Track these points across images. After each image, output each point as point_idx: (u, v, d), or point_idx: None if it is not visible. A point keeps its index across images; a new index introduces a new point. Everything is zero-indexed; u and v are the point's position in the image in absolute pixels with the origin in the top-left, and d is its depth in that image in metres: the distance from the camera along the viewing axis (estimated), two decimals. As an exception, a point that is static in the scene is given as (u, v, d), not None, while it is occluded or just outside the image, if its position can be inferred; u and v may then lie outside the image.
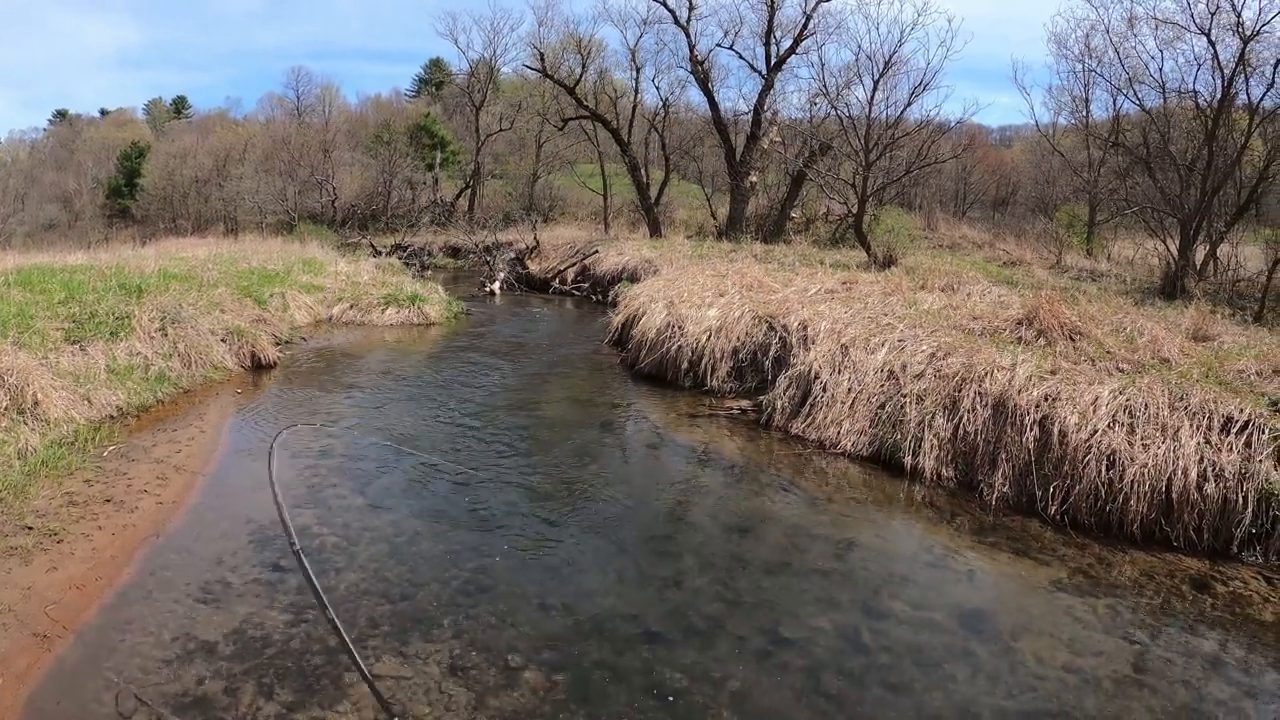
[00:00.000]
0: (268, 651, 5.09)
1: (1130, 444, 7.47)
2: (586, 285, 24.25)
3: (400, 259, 29.40)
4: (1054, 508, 7.59)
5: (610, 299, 20.36)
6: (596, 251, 25.29)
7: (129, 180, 55.47)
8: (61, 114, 79.49)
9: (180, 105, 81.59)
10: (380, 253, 30.54)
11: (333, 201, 45.02)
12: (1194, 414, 7.54)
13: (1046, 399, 8.24)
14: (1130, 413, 7.76)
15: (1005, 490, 8.00)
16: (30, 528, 6.64)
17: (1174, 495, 7.10)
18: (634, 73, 32.84)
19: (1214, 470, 7.06)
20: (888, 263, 18.17)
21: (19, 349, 9.64)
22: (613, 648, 5.32)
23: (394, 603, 5.76)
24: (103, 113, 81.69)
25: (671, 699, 4.78)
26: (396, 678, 4.86)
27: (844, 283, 14.46)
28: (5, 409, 8.65)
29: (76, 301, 12.13)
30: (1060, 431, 7.85)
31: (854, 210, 21.69)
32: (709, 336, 12.19)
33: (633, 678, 4.99)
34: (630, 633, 5.52)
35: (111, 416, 9.82)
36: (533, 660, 5.10)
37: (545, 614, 5.71)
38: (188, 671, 4.86)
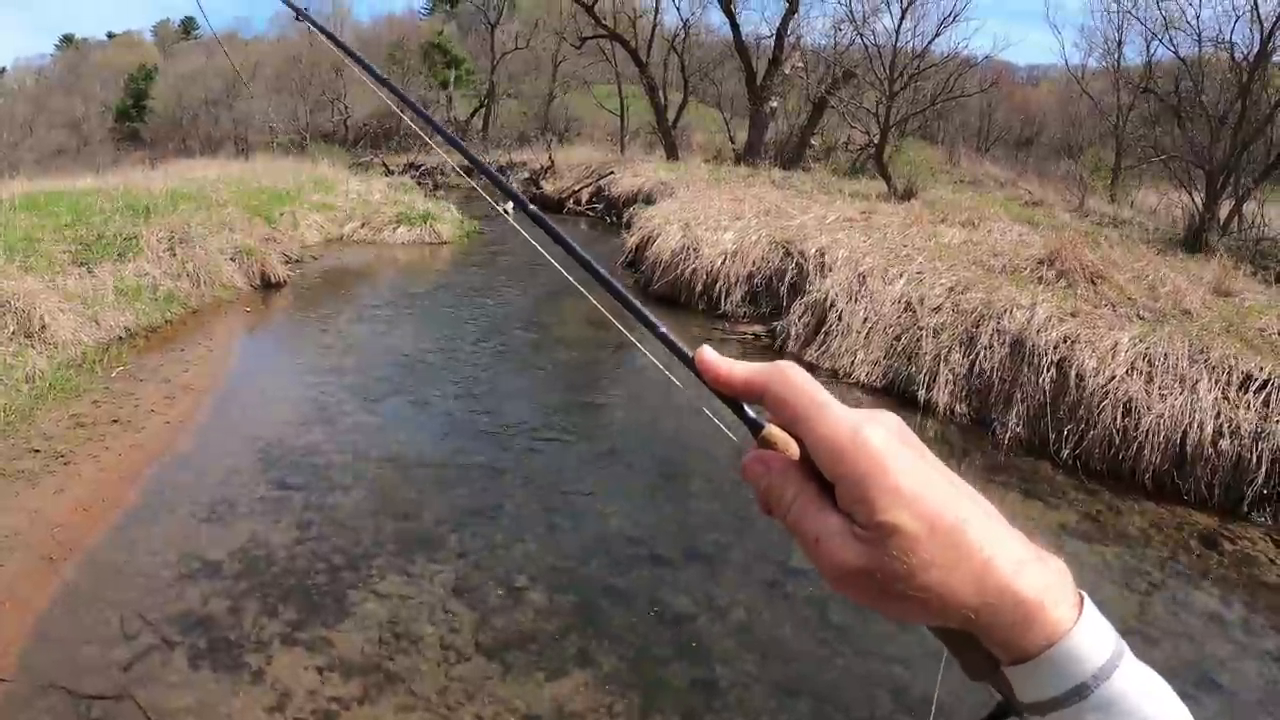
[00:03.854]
0: (271, 570, 5.08)
1: (1148, 393, 7.29)
2: (601, 206, 23.93)
3: (413, 178, 29.15)
4: (1067, 451, 7.45)
5: (625, 221, 20.10)
6: (612, 173, 24.92)
7: (137, 103, 55.17)
8: (68, 39, 78.66)
9: (189, 26, 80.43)
10: (393, 172, 30.28)
11: (345, 121, 44.65)
12: (1214, 368, 7.33)
13: (1065, 341, 8.05)
14: (1150, 361, 7.56)
15: (1019, 430, 7.86)
16: (37, 450, 6.62)
17: (1188, 448, 6.95)
18: (655, -9, 32.13)
19: (1230, 427, 6.90)
20: (908, 195, 17.82)
21: (25, 272, 9.58)
22: (618, 570, 5.29)
23: (399, 521, 5.73)
24: (110, 36, 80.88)
25: (676, 625, 4.75)
26: (400, 596, 4.83)
27: (863, 212, 14.18)
28: (13, 334, 8.60)
29: (83, 224, 12.01)
30: (1077, 375, 7.68)
31: (875, 140, 21.27)
32: (724, 260, 12.00)
33: (636, 601, 4.95)
34: (636, 555, 5.49)
35: (120, 338, 9.76)
36: (538, 581, 5.07)
37: (551, 534, 5.67)
38: (192, 591, 4.85)
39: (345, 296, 12.77)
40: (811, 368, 9.48)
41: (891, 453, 0.56)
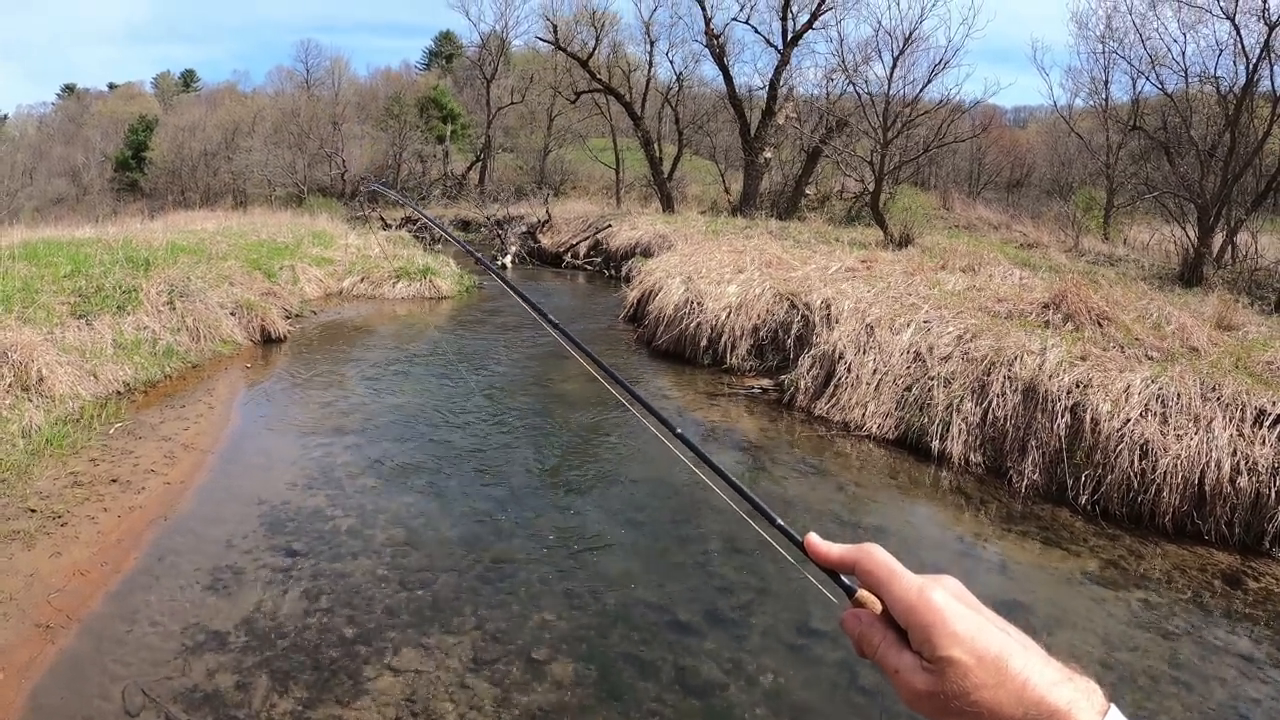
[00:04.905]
0: (280, 643, 4.85)
1: (1163, 434, 7.17)
2: (599, 260, 23.98)
3: (410, 232, 29.16)
4: (1085, 497, 7.30)
5: (624, 274, 20.10)
6: (609, 226, 24.98)
7: (137, 154, 55.42)
8: (69, 88, 79.32)
9: (189, 79, 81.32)
10: (390, 226, 30.30)
11: (343, 174, 44.87)
12: (1226, 405, 7.24)
13: (1078, 385, 7.94)
14: (1163, 402, 7.45)
15: (1035, 478, 7.72)
16: (33, 510, 6.42)
17: (1206, 488, 6.83)
18: (648, 46, 32.59)
19: (1247, 464, 6.79)
20: (904, 242, 17.86)
21: (23, 324, 9.42)
22: (639, 638, 5.07)
23: (411, 590, 5.51)
24: (111, 86, 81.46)
25: (706, 694, 4.54)
26: (417, 671, 4.61)
27: (864, 261, 14.14)
28: (9, 386, 8.42)
29: (83, 275, 11.89)
30: (1092, 419, 7.56)
31: (870, 188, 21.34)
32: (729, 314, 11.89)
33: (661, 671, 4.74)
34: (659, 621, 5.27)
35: (119, 392, 9.60)
36: (559, 652, 4.86)
37: (569, 601, 5.46)
38: (197, 664, 4.63)
39: (346, 353, 12.61)
40: (822, 421, 9.37)
41: (948, 606, 0.80)
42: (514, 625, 5.12)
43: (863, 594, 0.88)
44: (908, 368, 9.44)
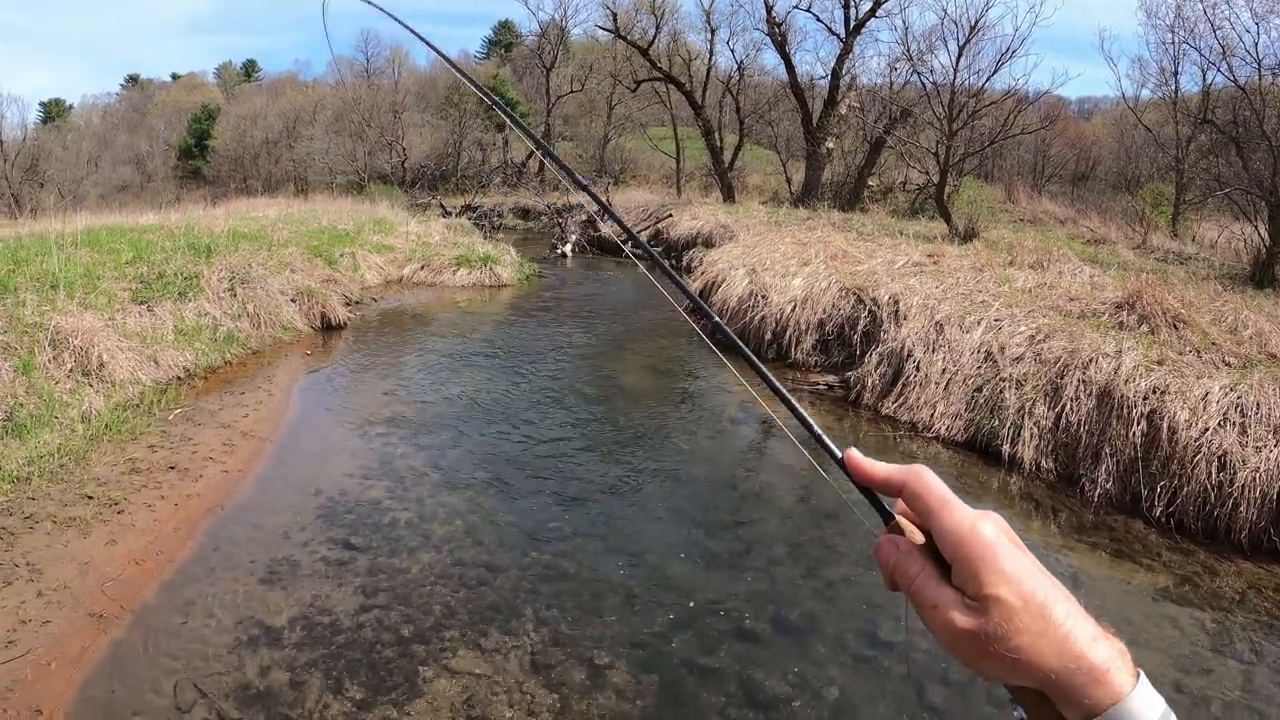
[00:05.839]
0: (336, 640, 4.70)
1: (1242, 445, 6.73)
2: (660, 249, 23.69)
3: (470, 220, 29.20)
4: (1159, 509, 6.87)
5: (685, 264, 19.85)
6: (670, 215, 24.74)
7: (200, 142, 56.34)
8: (133, 79, 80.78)
9: (250, 69, 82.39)
10: (450, 213, 30.40)
11: (403, 162, 45.14)
12: None
13: (1154, 392, 7.50)
14: (1242, 411, 6.99)
15: (1108, 487, 7.30)
16: (90, 497, 6.36)
17: None
18: (708, 34, 32.19)
19: None
20: (969, 236, 17.35)
21: (85, 310, 9.42)
22: (703, 645, 4.84)
23: (470, 588, 5.34)
24: (174, 77, 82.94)
25: (770, 709, 4.31)
26: (474, 674, 4.43)
27: (930, 256, 13.74)
28: (70, 371, 8.42)
29: (144, 261, 11.94)
30: (1169, 428, 7.11)
31: (934, 180, 20.82)
32: (794, 307, 11.60)
33: (725, 681, 4.51)
34: (723, 629, 5.04)
35: (178, 378, 9.59)
36: (620, 658, 4.65)
37: (632, 605, 5.25)
38: (250, 660, 4.50)
39: (406, 340, 12.54)
40: (889, 420, 9.07)
41: (1000, 542, 0.75)
42: (574, 628, 4.93)
43: (902, 521, 0.82)
44: (978, 368, 9.08)
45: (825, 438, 0.90)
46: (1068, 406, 7.99)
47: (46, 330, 8.62)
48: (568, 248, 24.38)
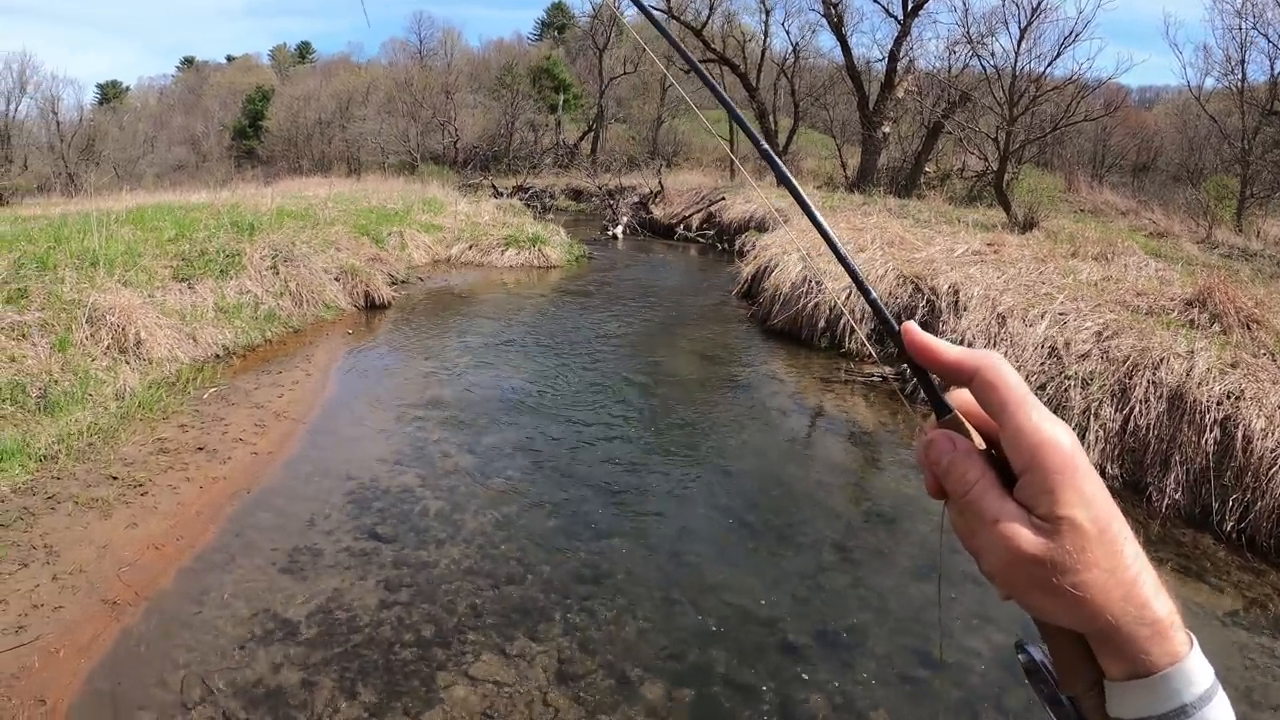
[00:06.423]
0: (353, 638, 4.45)
1: None
2: (712, 233, 23.44)
3: (521, 201, 29.08)
4: (1230, 524, 6.37)
5: (737, 248, 19.49)
6: (723, 198, 24.35)
7: (254, 123, 56.83)
8: (189, 60, 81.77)
9: (304, 50, 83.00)
10: (501, 194, 30.35)
11: (455, 143, 45.17)
12: None
13: (1228, 397, 6.98)
14: None
15: (1177, 497, 6.79)
16: (115, 477, 6.19)
17: None
18: (763, 16, 31.74)
19: None
20: (1029, 225, 16.76)
21: (123, 286, 9.30)
22: (742, 658, 4.51)
23: (498, 586, 5.06)
24: (228, 59, 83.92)
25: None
26: (496, 682, 4.15)
27: (990, 244, 13.23)
28: (106, 348, 8.30)
29: (186, 239, 11.83)
30: (1244, 437, 6.60)
31: (993, 167, 20.21)
32: (849, 295, 11.21)
33: (764, 699, 4.19)
34: (763, 641, 4.70)
35: (217, 356, 9.47)
36: (652, 670, 4.34)
37: (667, 611, 4.93)
38: (262, 656, 4.27)
39: (450, 322, 12.33)
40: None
41: (1081, 456, 0.61)
42: (605, 635, 4.62)
43: (960, 416, 0.68)
44: (1041, 364, 8.61)
45: (883, 307, 0.77)
46: (1136, 409, 7.51)
47: (84, 307, 8.51)
48: (619, 229, 24.14)
